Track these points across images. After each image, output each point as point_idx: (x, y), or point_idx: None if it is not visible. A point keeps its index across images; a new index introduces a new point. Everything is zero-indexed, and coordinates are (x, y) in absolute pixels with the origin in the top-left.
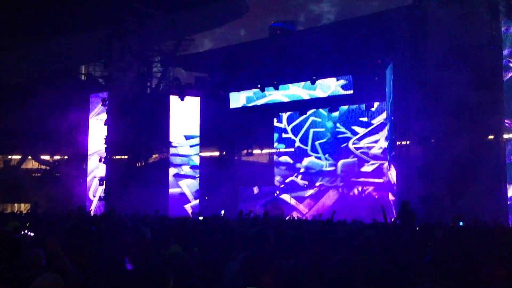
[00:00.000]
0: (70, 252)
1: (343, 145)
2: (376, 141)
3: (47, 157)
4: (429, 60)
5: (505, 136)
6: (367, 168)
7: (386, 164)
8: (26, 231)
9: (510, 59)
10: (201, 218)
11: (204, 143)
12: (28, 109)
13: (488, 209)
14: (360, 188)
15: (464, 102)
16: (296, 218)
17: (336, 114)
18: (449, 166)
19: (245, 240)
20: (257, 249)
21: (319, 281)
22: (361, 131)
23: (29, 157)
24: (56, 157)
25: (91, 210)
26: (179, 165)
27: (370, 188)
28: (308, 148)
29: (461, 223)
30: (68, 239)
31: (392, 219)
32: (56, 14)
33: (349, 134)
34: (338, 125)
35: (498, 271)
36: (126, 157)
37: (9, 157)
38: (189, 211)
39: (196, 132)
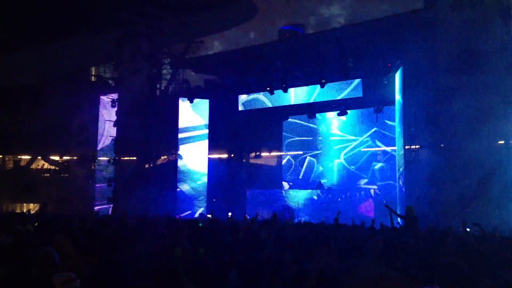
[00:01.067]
0: (81, 252)
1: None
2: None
3: (56, 158)
4: (440, 64)
5: None
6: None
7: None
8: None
9: None
10: (209, 216)
11: (213, 145)
12: (38, 110)
13: (498, 214)
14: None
15: (474, 107)
16: (303, 221)
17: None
18: (459, 171)
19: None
20: (256, 254)
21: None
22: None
23: (39, 157)
24: (66, 158)
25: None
26: None
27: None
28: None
29: (468, 229)
30: (79, 239)
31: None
32: (67, 16)
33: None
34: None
35: None
36: (134, 158)
37: (19, 157)
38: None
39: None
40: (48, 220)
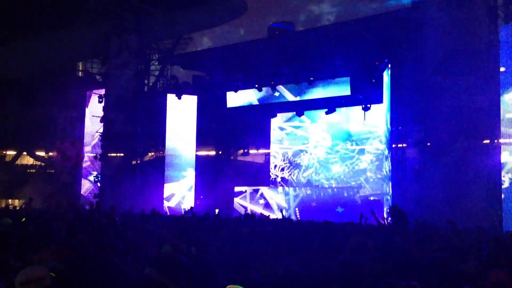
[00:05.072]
0: (61, 247)
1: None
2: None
3: (42, 153)
4: (427, 64)
5: (502, 140)
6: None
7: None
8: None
9: None
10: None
11: (201, 142)
12: (24, 105)
13: (483, 213)
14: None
15: (461, 106)
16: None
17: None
18: (445, 170)
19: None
20: (242, 248)
21: (317, 281)
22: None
23: (24, 153)
24: (51, 154)
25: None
26: None
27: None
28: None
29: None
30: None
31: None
32: (55, 10)
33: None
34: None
35: (500, 274)
36: (121, 154)
37: (4, 152)
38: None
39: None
40: (30, 215)
